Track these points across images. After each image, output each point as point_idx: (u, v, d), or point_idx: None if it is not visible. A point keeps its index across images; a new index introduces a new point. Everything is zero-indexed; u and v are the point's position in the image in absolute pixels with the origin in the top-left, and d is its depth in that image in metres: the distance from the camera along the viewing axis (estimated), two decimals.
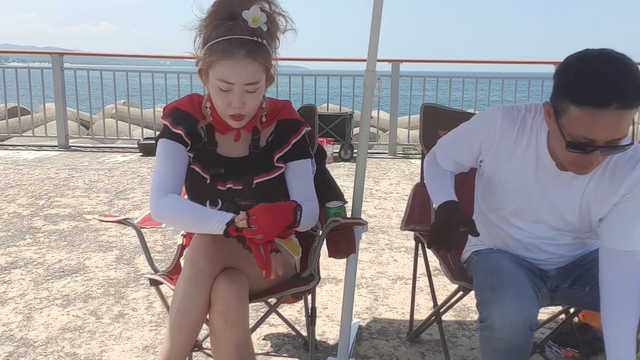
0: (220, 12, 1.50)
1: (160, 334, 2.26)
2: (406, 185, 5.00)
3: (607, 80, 1.21)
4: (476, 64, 7.45)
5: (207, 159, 1.62)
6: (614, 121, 1.22)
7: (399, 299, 2.62)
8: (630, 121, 1.26)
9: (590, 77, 1.23)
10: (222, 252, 1.50)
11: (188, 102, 1.64)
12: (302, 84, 6.90)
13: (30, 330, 2.27)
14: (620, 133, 1.25)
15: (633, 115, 1.26)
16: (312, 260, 1.73)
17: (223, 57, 1.47)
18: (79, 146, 6.99)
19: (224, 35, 1.47)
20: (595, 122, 1.23)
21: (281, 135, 1.66)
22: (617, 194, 1.44)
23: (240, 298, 1.47)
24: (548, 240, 1.59)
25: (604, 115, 1.22)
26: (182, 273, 1.51)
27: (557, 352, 2.12)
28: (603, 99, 1.21)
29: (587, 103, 1.22)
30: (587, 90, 1.23)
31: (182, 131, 1.59)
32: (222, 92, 1.50)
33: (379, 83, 1.84)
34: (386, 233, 3.63)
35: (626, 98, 1.21)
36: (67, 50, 9.05)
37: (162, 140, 1.60)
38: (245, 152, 1.65)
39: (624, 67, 1.23)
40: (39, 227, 3.64)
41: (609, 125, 1.23)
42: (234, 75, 1.48)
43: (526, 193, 1.53)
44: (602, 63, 1.23)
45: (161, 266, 1.88)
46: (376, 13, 1.78)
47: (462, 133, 1.63)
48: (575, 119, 1.26)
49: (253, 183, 1.62)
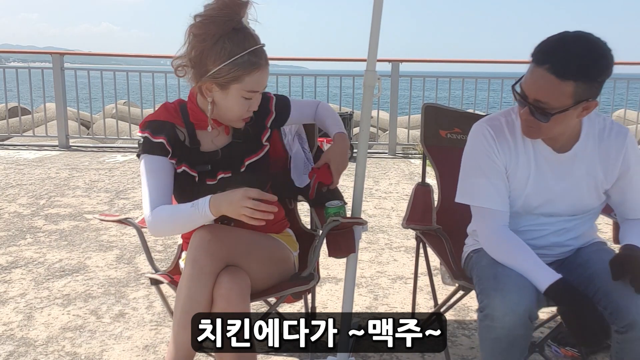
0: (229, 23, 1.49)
1: (161, 333, 2.26)
2: (406, 185, 5.00)
3: (556, 46, 1.37)
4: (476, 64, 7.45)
5: (192, 158, 1.63)
6: (542, 81, 1.37)
7: (398, 299, 2.62)
8: (558, 92, 1.36)
9: (549, 41, 1.39)
10: (222, 249, 1.51)
11: (163, 111, 1.65)
12: (302, 84, 6.89)
13: (31, 330, 2.27)
14: (546, 97, 1.38)
15: (564, 90, 1.35)
16: (312, 259, 1.74)
17: (253, 70, 1.51)
18: (80, 146, 6.99)
19: (246, 47, 1.49)
20: (531, 77, 1.40)
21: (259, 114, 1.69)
22: (617, 164, 1.56)
23: (242, 296, 1.48)
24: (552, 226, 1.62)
25: (537, 72, 1.38)
26: (184, 272, 1.51)
27: (557, 351, 2.12)
28: (540, 58, 1.37)
29: (533, 58, 1.40)
30: (538, 49, 1.40)
31: (163, 139, 1.59)
32: (245, 101, 1.55)
33: (378, 83, 1.84)
34: (386, 232, 3.64)
35: (559, 65, 1.34)
36: (67, 50, 9.06)
37: (144, 156, 1.60)
38: (227, 140, 1.68)
39: (581, 44, 1.36)
40: (40, 227, 3.64)
41: (537, 83, 1.38)
42: (260, 84, 1.54)
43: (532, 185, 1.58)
44: (568, 36, 1.38)
45: (162, 266, 1.89)
46: (376, 13, 1.78)
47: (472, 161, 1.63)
48: (528, 71, 1.42)
49: (243, 165, 1.65)
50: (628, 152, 1.56)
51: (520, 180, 1.58)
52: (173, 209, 1.56)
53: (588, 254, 1.62)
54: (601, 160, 1.56)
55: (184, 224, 1.56)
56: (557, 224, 1.62)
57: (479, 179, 1.59)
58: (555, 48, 1.37)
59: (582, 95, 1.38)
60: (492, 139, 1.57)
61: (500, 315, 1.38)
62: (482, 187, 1.58)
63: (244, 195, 1.42)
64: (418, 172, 5.61)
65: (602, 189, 1.59)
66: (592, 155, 1.56)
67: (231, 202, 1.44)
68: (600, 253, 1.60)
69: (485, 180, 1.58)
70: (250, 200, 1.41)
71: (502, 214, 1.58)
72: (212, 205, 1.48)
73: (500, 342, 1.41)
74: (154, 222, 1.56)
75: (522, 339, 1.42)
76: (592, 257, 1.59)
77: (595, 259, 1.57)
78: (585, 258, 1.60)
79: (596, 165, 1.56)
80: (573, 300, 1.40)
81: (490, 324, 1.40)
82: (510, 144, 1.58)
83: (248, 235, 1.62)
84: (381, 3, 1.79)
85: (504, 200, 1.58)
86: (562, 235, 1.63)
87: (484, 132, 1.59)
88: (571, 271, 1.60)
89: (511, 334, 1.39)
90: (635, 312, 1.36)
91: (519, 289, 1.41)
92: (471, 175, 1.62)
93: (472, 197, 1.62)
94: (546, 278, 1.43)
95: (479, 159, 1.59)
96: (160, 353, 2.11)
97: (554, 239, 1.63)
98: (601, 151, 1.56)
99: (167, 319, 2.36)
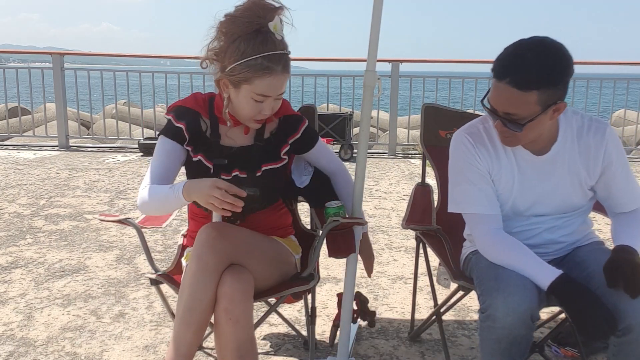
0: (250, 25, 1.52)
1: (161, 333, 2.26)
2: (406, 185, 5.00)
3: (512, 58, 1.40)
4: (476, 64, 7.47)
5: (210, 150, 1.67)
6: (506, 95, 1.40)
7: (398, 299, 2.62)
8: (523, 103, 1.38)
9: (505, 53, 1.42)
10: (227, 247, 1.52)
11: (192, 100, 1.70)
12: (302, 84, 6.90)
13: (31, 330, 2.27)
14: (513, 109, 1.41)
15: (528, 99, 1.38)
16: (312, 259, 1.74)
17: (264, 74, 1.52)
18: (80, 146, 7.00)
19: (261, 51, 1.51)
20: (495, 92, 1.43)
21: (286, 129, 1.74)
22: (598, 160, 1.57)
23: (245, 296, 1.49)
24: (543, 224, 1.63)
25: (500, 87, 1.41)
26: (188, 269, 1.52)
27: (557, 351, 2.12)
28: (500, 72, 1.40)
29: (493, 72, 1.43)
30: (496, 63, 1.42)
31: (183, 125, 1.64)
32: (255, 103, 1.57)
33: (378, 83, 1.84)
34: (386, 233, 3.64)
35: (518, 77, 1.37)
36: (67, 51, 9.06)
37: (161, 137, 1.68)
38: (249, 141, 1.71)
39: (537, 52, 1.37)
40: (40, 227, 3.64)
41: (501, 97, 1.41)
42: (272, 89, 1.55)
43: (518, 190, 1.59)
44: (523, 44, 1.41)
45: (162, 266, 1.89)
46: (376, 13, 1.78)
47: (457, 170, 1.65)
48: (491, 85, 1.45)
49: (260, 170, 1.68)
50: (609, 147, 1.56)
51: (506, 185, 1.60)
52: (155, 188, 1.60)
53: (585, 253, 1.62)
54: (582, 157, 1.57)
55: (161, 205, 1.60)
56: (548, 222, 1.63)
57: (464, 186, 1.61)
58: (511, 61, 1.39)
59: (548, 100, 1.40)
60: (472, 146, 1.60)
61: (501, 316, 1.38)
62: (469, 194, 1.60)
63: (213, 184, 1.45)
64: (418, 172, 5.61)
65: (587, 185, 1.60)
66: (572, 153, 1.57)
67: (201, 189, 1.47)
68: (596, 253, 1.60)
69: (471, 187, 1.60)
70: (218, 190, 1.44)
71: (493, 217, 1.59)
72: (185, 189, 1.51)
73: (501, 342, 1.41)
74: (139, 198, 1.62)
75: (523, 339, 1.42)
76: (589, 257, 1.59)
77: (592, 259, 1.57)
78: (582, 258, 1.61)
79: (577, 164, 1.57)
80: (577, 295, 1.40)
81: (491, 324, 1.40)
82: (490, 150, 1.60)
83: (252, 236, 1.64)
84: (381, 3, 1.79)
85: (493, 203, 1.59)
86: (554, 232, 1.64)
87: (463, 141, 1.62)
88: (569, 270, 1.59)
89: (512, 334, 1.39)
90: (632, 316, 1.36)
91: (520, 289, 1.41)
92: (457, 183, 1.64)
93: (461, 205, 1.64)
94: (548, 275, 1.44)
95: (462, 167, 1.62)
96: (160, 353, 2.11)
97: (548, 236, 1.64)
98: (581, 149, 1.57)
99: (167, 319, 2.36)
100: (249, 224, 1.69)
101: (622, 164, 1.59)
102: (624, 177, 1.60)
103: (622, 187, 1.60)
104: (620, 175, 1.59)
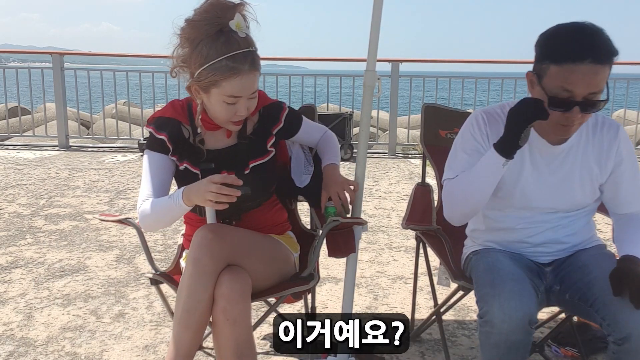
0: (210, 27, 1.50)
1: (161, 333, 2.26)
2: (406, 185, 5.00)
3: (582, 40, 1.40)
4: (476, 64, 7.45)
5: (195, 155, 1.66)
6: (589, 75, 1.38)
7: (398, 299, 2.62)
8: (603, 78, 1.40)
9: (567, 39, 1.42)
10: (224, 248, 1.52)
11: (170, 108, 1.69)
12: (302, 84, 6.90)
13: (31, 330, 2.27)
14: (596, 87, 1.40)
15: (606, 73, 1.40)
16: (312, 259, 1.74)
17: (231, 75, 1.50)
18: (80, 146, 6.99)
19: (224, 52, 1.49)
20: (573, 75, 1.39)
21: (267, 120, 1.72)
22: (610, 157, 1.58)
23: (243, 296, 1.48)
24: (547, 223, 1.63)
25: (580, 69, 1.38)
26: (185, 271, 1.52)
27: (557, 351, 2.12)
28: (577, 55, 1.38)
29: (566, 60, 1.39)
30: (566, 49, 1.40)
31: (165, 136, 1.63)
32: (228, 106, 1.55)
33: (378, 83, 1.84)
34: (386, 233, 3.64)
35: (598, 54, 1.38)
36: (67, 50, 9.06)
37: (146, 151, 1.67)
38: (232, 141, 1.70)
39: (595, 31, 1.41)
40: (40, 227, 3.64)
41: (585, 78, 1.39)
42: (242, 90, 1.53)
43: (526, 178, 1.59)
44: (576, 29, 1.42)
45: (162, 266, 1.89)
46: (376, 13, 1.78)
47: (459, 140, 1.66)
48: (556, 76, 1.41)
49: (247, 167, 1.67)
50: (621, 145, 1.59)
51: (513, 171, 1.59)
52: (154, 202, 1.60)
53: (588, 258, 1.62)
54: (595, 153, 1.58)
55: (163, 216, 1.60)
56: (553, 221, 1.63)
57: (460, 154, 1.63)
58: (587, 41, 1.39)
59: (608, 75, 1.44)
60: (484, 123, 1.61)
61: (498, 322, 1.39)
62: (460, 161, 1.62)
63: (208, 180, 1.45)
64: (418, 172, 5.61)
65: (597, 182, 1.61)
66: (586, 148, 1.58)
67: (198, 189, 1.47)
68: (599, 258, 1.60)
69: (466, 156, 1.61)
70: (214, 185, 1.44)
71: None
72: (184, 195, 1.52)
73: (499, 347, 1.41)
74: (139, 215, 1.62)
75: (521, 345, 1.42)
76: (591, 262, 1.58)
77: (594, 264, 1.57)
78: (585, 262, 1.60)
79: (590, 159, 1.58)
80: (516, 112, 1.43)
81: (489, 330, 1.41)
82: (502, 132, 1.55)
83: (249, 235, 1.63)
84: (381, 3, 1.79)
85: None
86: (558, 232, 1.64)
87: (477, 117, 1.63)
88: (570, 274, 1.60)
89: (509, 340, 1.39)
90: (632, 326, 1.37)
91: (516, 294, 1.41)
92: (454, 152, 1.66)
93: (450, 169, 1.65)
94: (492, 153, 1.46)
95: (464, 138, 1.64)
96: (160, 353, 2.11)
97: (551, 235, 1.64)
98: (594, 145, 1.59)
99: (167, 319, 2.36)
100: (245, 223, 1.69)
101: (632, 162, 1.61)
102: (632, 176, 1.61)
103: (629, 186, 1.62)
104: (630, 174, 1.61)
